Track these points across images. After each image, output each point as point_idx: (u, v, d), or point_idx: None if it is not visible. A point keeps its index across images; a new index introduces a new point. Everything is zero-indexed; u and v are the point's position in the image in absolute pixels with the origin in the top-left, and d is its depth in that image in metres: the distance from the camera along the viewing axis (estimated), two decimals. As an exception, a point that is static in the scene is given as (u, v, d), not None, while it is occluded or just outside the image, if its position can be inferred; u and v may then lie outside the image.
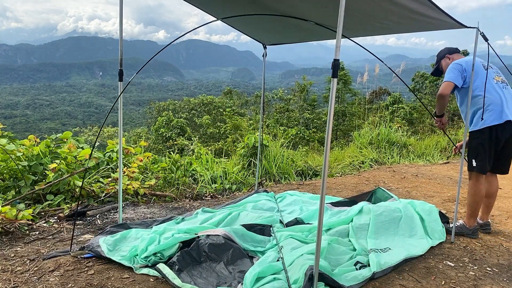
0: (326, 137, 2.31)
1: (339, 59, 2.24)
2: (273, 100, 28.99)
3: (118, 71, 3.30)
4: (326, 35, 4.08)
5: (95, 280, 2.71)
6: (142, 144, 5.80)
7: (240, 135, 15.92)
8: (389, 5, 2.92)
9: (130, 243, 3.19)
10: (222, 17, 3.85)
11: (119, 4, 3.15)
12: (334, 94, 2.27)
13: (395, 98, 18.78)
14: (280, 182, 6.22)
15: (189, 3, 3.56)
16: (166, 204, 4.75)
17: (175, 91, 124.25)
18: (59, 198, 4.31)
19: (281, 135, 8.85)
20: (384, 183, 5.91)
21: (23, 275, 2.76)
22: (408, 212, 3.77)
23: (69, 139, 5.25)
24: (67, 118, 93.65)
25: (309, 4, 3.32)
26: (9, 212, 3.47)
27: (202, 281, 2.68)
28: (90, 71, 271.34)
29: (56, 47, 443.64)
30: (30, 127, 73.90)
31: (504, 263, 3.21)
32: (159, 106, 30.29)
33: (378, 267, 2.88)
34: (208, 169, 6.08)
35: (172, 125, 20.21)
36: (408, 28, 3.58)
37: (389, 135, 8.70)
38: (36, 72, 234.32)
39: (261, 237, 3.36)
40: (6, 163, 4.48)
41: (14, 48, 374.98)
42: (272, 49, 4.86)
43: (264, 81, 5.12)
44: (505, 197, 5.19)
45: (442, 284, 2.84)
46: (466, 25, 3.21)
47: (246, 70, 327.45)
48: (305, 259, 2.78)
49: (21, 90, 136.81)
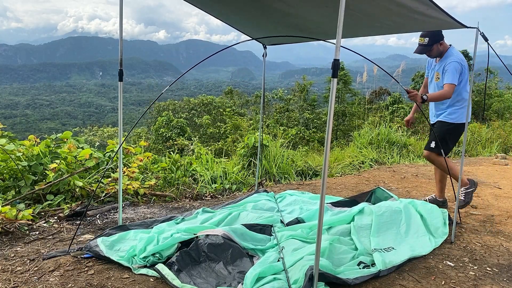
0: (326, 137, 2.31)
1: (339, 59, 2.24)
2: (273, 100, 29.00)
3: (118, 71, 3.30)
4: (326, 35, 4.08)
5: (95, 280, 2.71)
6: (142, 144, 5.80)
7: (240, 135, 15.93)
8: (389, 4, 2.92)
9: (129, 243, 3.19)
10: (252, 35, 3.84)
11: (119, 4, 3.14)
12: (334, 94, 2.27)
13: (395, 98, 18.79)
14: (280, 182, 6.22)
15: (189, 3, 3.56)
16: (166, 204, 4.75)
17: (175, 91, 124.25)
18: (59, 198, 4.31)
19: (281, 135, 8.85)
20: (384, 183, 5.91)
21: (23, 275, 2.76)
22: (409, 211, 3.77)
23: (69, 139, 5.24)
24: (67, 118, 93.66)
25: (310, 3, 3.32)
26: (9, 212, 3.47)
27: (201, 281, 2.68)
28: (90, 71, 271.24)
29: (56, 47, 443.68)
30: (30, 127, 73.92)
31: (504, 263, 3.21)
32: (159, 106, 30.28)
33: (384, 265, 2.88)
34: (208, 169, 6.08)
35: (172, 125, 20.21)
36: (408, 28, 3.58)
37: (389, 135, 8.69)
38: (36, 72, 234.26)
39: (261, 235, 3.37)
40: (6, 163, 4.48)
41: (14, 48, 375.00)
42: (272, 49, 4.85)
43: (264, 81, 5.12)
44: (505, 197, 5.19)
45: (442, 284, 2.84)
46: (466, 25, 3.21)
47: (246, 70, 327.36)
48: (306, 260, 2.78)
49: (21, 90, 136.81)
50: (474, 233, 3.84)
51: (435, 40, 3.95)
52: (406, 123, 4.65)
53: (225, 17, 4.17)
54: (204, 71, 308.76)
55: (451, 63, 3.90)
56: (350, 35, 4.13)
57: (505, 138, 10.20)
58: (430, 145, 4.10)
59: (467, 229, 3.94)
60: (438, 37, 3.95)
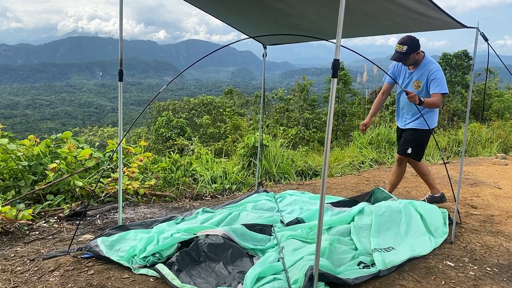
0: (326, 137, 2.31)
1: (339, 59, 2.24)
2: (273, 100, 28.98)
3: (118, 71, 3.30)
4: (326, 35, 4.08)
5: (95, 280, 2.71)
6: (142, 144, 5.80)
7: (240, 135, 15.93)
8: (389, 4, 2.92)
9: (129, 244, 3.19)
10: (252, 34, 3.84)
11: (119, 4, 3.14)
12: (334, 94, 2.27)
13: (395, 98, 18.80)
14: (280, 182, 6.22)
15: (189, 3, 3.56)
16: (166, 204, 4.76)
17: (175, 91, 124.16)
18: (59, 198, 4.31)
19: (281, 135, 8.85)
20: (384, 183, 5.91)
21: (23, 275, 2.76)
22: (409, 211, 3.77)
23: (69, 139, 5.24)
24: (67, 118, 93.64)
25: (310, 3, 3.32)
26: (9, 212, 3.47)
27: (201, 281, 2.68)
28: (90, 71, 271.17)
29: (56, 47, 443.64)
30: (30, 127, 73.89)
31: (504, 263, 3.21)
32: (159, 106, 30.27)
33: (383, 265, 2.89)
34: (208, 169, 6.08)
35: (172, 125, 20.20)
36: (408, 28, 3.58)
37: (389, 135, 8.69)
38: (36, 72, 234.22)
39: (261, 235, 3.37)
40: (6, 163, 4.48)
41: (14, 48, 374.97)
42: (272, 49, 4.85)
43: (264, 81, 5.12)
44: (505, 197, 5.19)
45: (442, 284, 2.84)
46: (466, 25, 3.21)
47: (246, 70, 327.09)
48: (306, 260, 2.78)
49: (21, 90, 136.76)
50: (474, 233, 3.84)
51: (413, 49, 3.90)
52: (362, 128, 4.57)
53: (225, 17, 4.17)
54: (204, 71, 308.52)
55: (437, 71, 3.92)
56: (350, 35, 4.13)
57: (505, 138, 10.19)
58: (407, 151, 4.20)
59: (467, 229, 3.94)
60: (416, 46, 3.91)
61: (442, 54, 21.95)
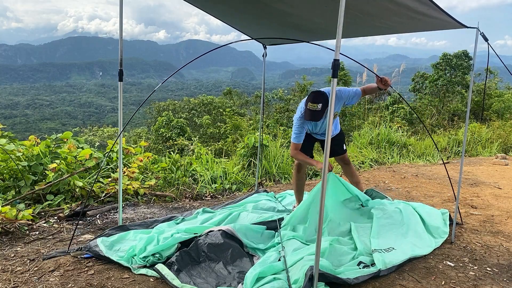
0: (326, 137, 2.31)
1: (339, 59, 2.24)
2: (273, 100, 28.95)
3: (118, 71, 3.30)
4: (326, 35, 4.08)
5: (95, 280, 2.71)
6: (142, 144, 5.80)
7: (240, 135, 15.91)
8: (390, 4, 2.92)
9: (128, 244, 3.19)
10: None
11: (119, 4, 3.14)
12: (334, 94, 2.27)
13: (395, 98, 18.77)
14: (280, 182, 6.22)
15: (189, 3, 3.56)
16: (166, 204, 4.75)
17: (175, 91, 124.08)
18: (59, 198, 4.31)
19: (281, 135, 8.84)
20: (384, 183, 5.91)
21: (23, 275, 2.76)
22: (408, 212, 3.78)
23: (69, 139, 5.24)
24: (67, 118, 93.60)
25: (310, 3, 3.32)
26: (9, 212, 3.47)
27: (201, 281, 2.68)
28: (90, 71, 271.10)
29: (56, 47, 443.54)
30: (30, 127, 73.85)
31: (504, 263, 3.21)
32: (159, 106, 30.25)
33: (383, 265, 2.89)
34: (208, 169, 6.08)
35: (172, 125, 20.18)
36: (409, 28, 3.58)
37: (389, 135, 8.70)
38: (36, 72, 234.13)
39: (266, 231, 3.40)
40: (6, 163, 4.48)
41: (14, 48, 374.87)
42: (272, 49, 4.85)
43: (264, 81, 5.12)
44: (505, 197, 5.19)
45: (442, 284, 2.84)
46: (466, 25, 3.21)
47: (246, 70, 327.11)
48: (306, 260, 2.79)
49: (21, 90, 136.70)
50: (474, 233, 3.84)
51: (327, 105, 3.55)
52: None
53: (225, 17, 4.17)
54: (204, 71, 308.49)
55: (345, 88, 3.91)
56: (350, 35, 4.13)
57: (505, 138, 10.20)
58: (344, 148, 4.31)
59: (467, 229, 3.94)
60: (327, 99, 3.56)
61: (442, 54, 21.94)
